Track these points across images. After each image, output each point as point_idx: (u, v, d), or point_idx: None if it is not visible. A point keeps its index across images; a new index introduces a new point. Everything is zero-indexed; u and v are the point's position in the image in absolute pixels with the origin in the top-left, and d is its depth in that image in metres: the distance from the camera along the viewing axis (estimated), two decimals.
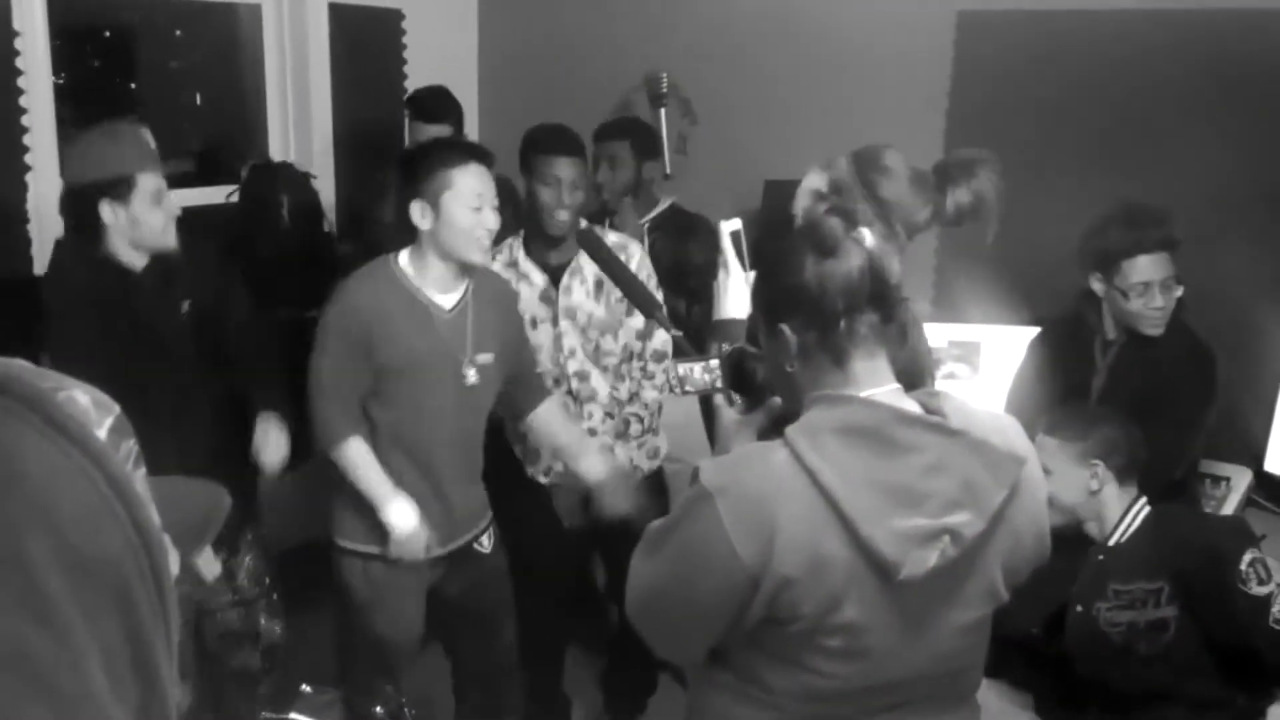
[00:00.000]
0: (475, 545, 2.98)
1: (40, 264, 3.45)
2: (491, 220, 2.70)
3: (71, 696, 0.45)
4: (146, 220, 2.81)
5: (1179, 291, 2.86)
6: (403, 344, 2.72)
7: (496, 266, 3.18)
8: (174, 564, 0.62)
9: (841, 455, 1.51)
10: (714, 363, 2.05)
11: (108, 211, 2.76)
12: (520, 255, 3.24)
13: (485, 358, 2.83)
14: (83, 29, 4.37)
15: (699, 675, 1.76)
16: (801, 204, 2.18)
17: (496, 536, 3.03)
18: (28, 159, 3.43)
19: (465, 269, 2.78)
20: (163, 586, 0.53)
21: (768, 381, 1.79)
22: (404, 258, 2.78)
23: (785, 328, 1.61)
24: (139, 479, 0.56)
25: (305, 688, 3.02)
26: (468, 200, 2.67)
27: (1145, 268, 2.84)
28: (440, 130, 3.66)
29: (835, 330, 1.58)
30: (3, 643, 0.43)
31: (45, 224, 3.49)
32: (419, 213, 2.70)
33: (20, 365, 0.52)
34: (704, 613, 1.59)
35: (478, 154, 2.75)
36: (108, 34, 4.66)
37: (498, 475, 3.11)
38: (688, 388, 2.08)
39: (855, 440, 1.52)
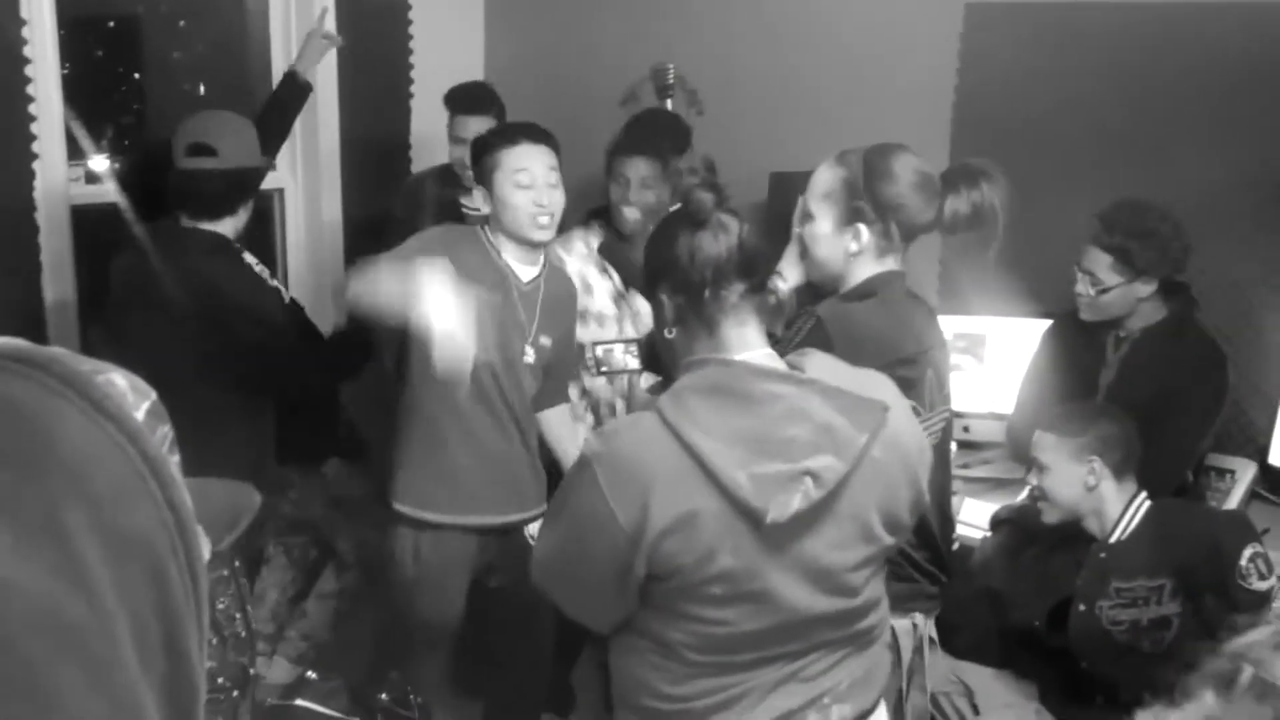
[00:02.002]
0: (525, 532, 3.00)
1: (47, 253, 3.45)
2: (544, 198, 2.74)
3: (104, 662, 0.45)
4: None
5: (1098, 292, 2.89)
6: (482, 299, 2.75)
7: (575, 259, 3.30)
8: (205, 551, 0.63)
9: (703, 412, 1.62)
10: (633, 345, 2.10)
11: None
12: (595, 258, 3.33)
13: (546, 340, 2.89)
14: (87, 19, 4.37)
15: (614, 644, 1.84)
16: (817, 193, 2.20)
17: None
18: (35, 147, 3.42)
19: (534, 251, 2.85)
20: (195, 568, 0.54)
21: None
22: (488, 229, 2.86)
23: (663, 296, 1.77)
24: (174, 463, 0.57)
25: (311, 675, 3.04)
26: (515, 178, 2.73)
27: (1085, 254, 2.91)
28: (482, 122, 3.64)
29: (703, 298, 1.71)
30: (38, 606, 0.44)
31: (53, 213, 3.50)
32: (481, 198, 2.79)
33: (60, 350, 0.53)
34: (593, 572, 1.69)
35: (528, 133, 2.80)
36: (112, 24, 4.66)
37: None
38: (604, 368, 2.14)
39: (715, 397, 1.63)
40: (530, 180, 2.73)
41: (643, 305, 3.22)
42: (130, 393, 0.56)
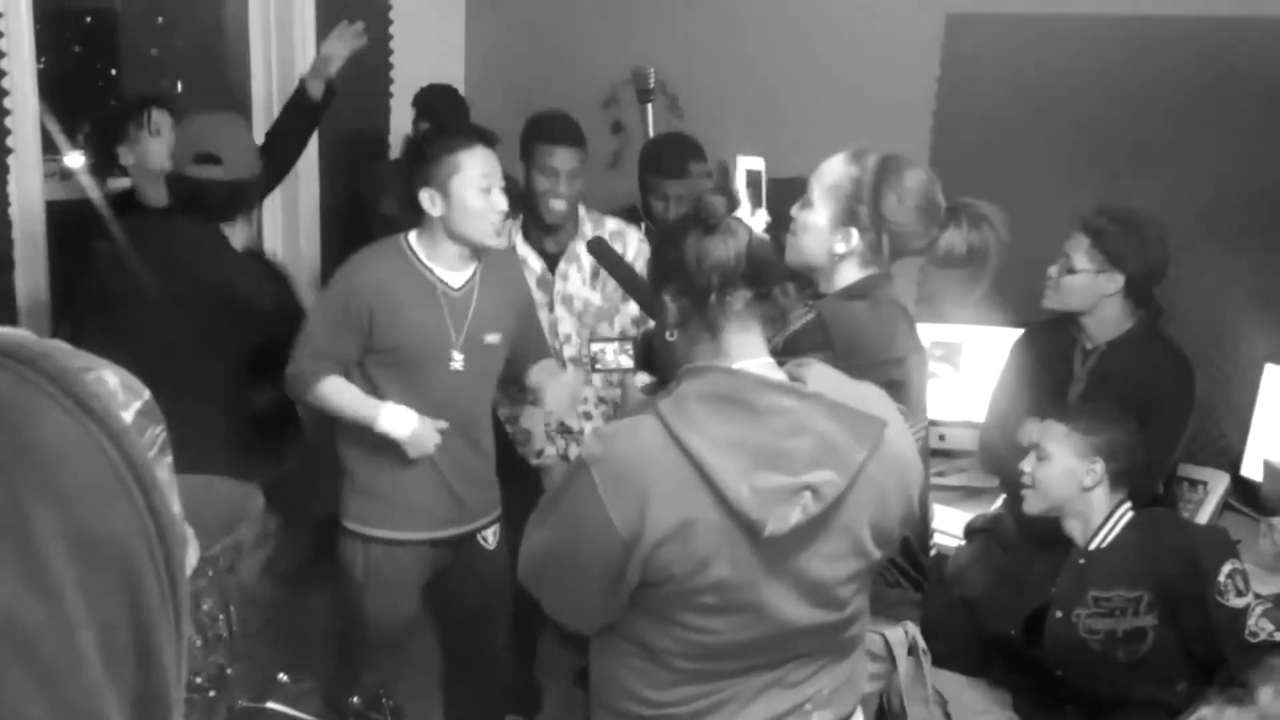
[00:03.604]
0: (479, 538, 2.98)
1: (21, 247, 3.42)
2: (501, 202, 2.73)
3: (60, 669, 0.44)
4: None
5: (1066, 272, 2.89)
6: (407, 320, 2.74)
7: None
8: (192, 556, 0.62)
9: (705, 421, 1.60)
10: (628, 344, 2.10)
11: None
12: (518, 240, 3.28)
13: (493, 338, 2.85)
14: (64, 13, 4.33)
15: (596, 645, 1.84)
16: (823, 184, 2.19)
17: (503, 534, 3.01)
18: (9, 142, 3.39)
19: (476, 251, 2.80)
20: (175, 576, 0.52)
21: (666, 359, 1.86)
22: (414, 236, 2.80)
23: (667, 297, 1.74)
24: (163, 466, 0.56)
25: (282, 677, 3.01)
26: (476, 183, 2.70)
27: (1070, 239, 2.90)
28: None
29: (708, 302, 1.69)
30: None
31: (25, 207, 3.46)
32: (429, 200, 2.71)
33: (55, 344, 0.52)
34: (584, 576, 1.68)
35: (482, 136, 2.77)
36: (89, 19, 4.62)
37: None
38: (598, 366, 2.16)
39: (718, 406, 1.62)
40: (490, 185, 2.71)
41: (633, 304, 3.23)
42: (121, 391, 0.55)
